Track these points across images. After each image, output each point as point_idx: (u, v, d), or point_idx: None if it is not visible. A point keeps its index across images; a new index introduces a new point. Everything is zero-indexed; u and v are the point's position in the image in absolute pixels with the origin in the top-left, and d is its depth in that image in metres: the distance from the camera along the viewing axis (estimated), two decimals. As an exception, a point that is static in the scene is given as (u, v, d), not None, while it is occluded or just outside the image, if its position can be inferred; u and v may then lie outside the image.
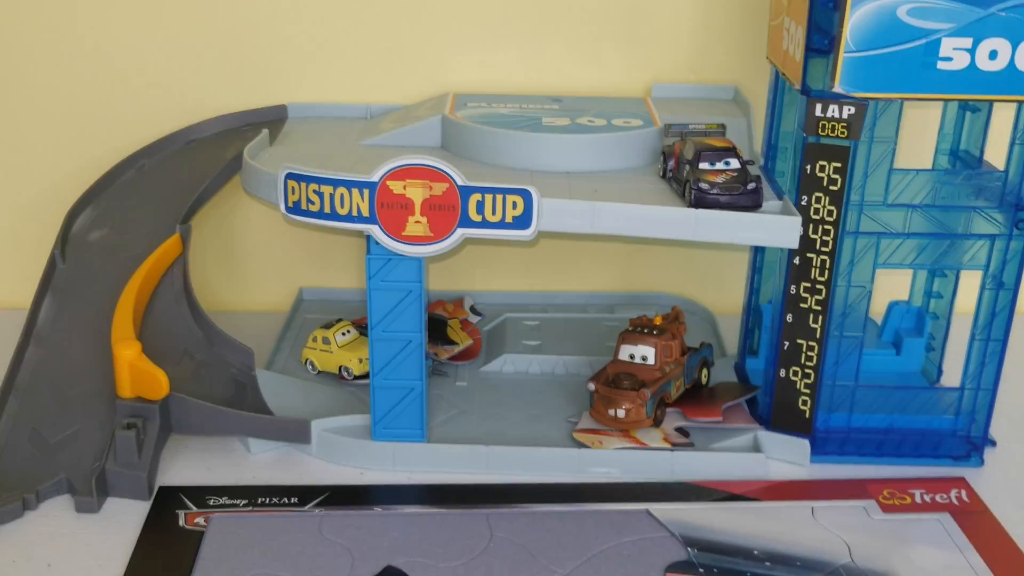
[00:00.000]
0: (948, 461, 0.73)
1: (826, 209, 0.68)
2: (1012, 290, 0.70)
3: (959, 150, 0.77)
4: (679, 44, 0.92)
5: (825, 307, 0.70)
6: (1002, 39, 0.63)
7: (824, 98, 0.66)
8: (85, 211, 0.85)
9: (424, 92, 0.92)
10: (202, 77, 0.92)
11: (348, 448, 0.73)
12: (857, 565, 0.62)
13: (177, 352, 0.75)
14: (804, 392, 0.73)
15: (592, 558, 0.63)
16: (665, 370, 0.75)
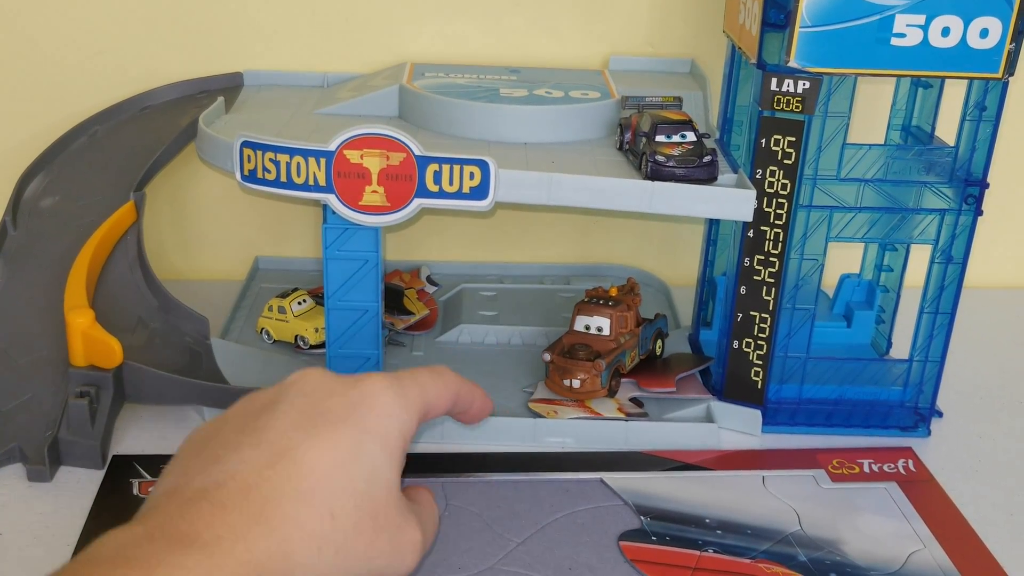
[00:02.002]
0: (896, 432, 0.75)
1: (780, 183, 0.69)
2: (960, 264, 0.71)
3: (911, 126, 0.78)
4: (637, 17, 0.92)
5: (778, 280, 0.71)
6: (954, 16, 0.64)
7: (779, 72, 0.66)
8: (36, 177, 0.84)
9: (382, 61, 0.91)
10: (157, 44, 0.91)
11: (304, 417, 0.72)
12: (806, 533, 0.64)
13: (131, 320, 0.75)
14: (756, 363, 0.74)
15: (546, 527, 0.64)
16: (620, 341, 0.76)
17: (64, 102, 0.91)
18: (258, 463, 0.42)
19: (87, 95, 0.90)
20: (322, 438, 0.44)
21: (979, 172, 0.69)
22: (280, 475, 0.42)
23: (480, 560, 0.61)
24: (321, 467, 0.43)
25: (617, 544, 0.62)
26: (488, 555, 0.61)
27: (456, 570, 0.60)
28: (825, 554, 0.62)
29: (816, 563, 0.61)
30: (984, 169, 0.69)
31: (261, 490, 0.41)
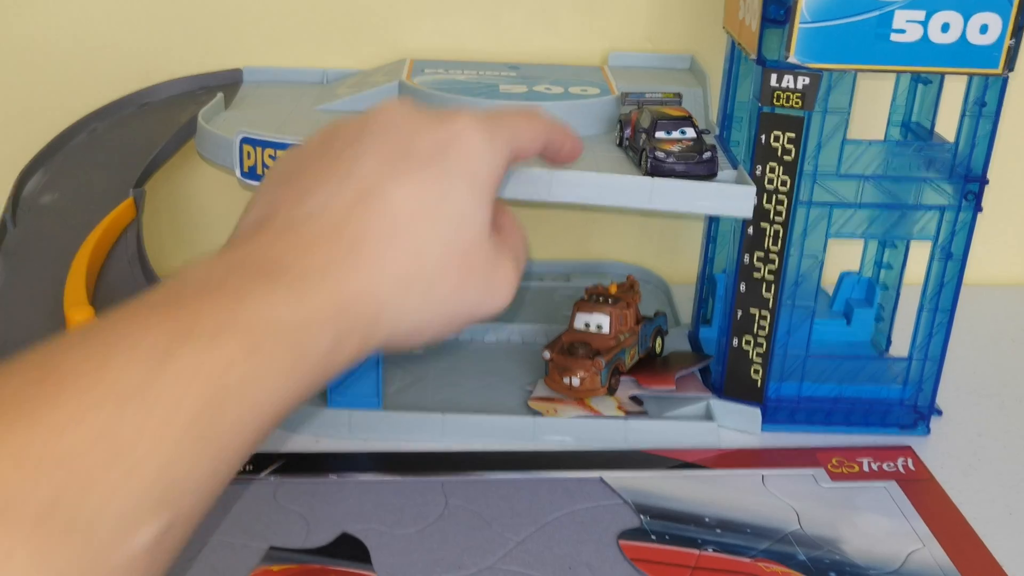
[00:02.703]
0: (896, 430, 0.75)
1: (780, 179, 0.69)
2: (960, 261, 0.71)
3: (911, 122, 0.78)
4: (637, 13, 0.92)
5: (778, 277, 0.71)
6: (954, 12, 0.63)
7: (779, 68, 0.66)
8: (36, 174, 0.84)
9: (381, 58, 0.91)
10: (156, 40, 0.90)
11: (303, 415, 0.73)
12: (805, 532, 0.64)
13: (130, 318, 0.75)
14: (756, 361, 0.74)
15: (546, 525, 0.64)
16: (620, 339, 0.76)
17: (63, 98, 0.91)
18: (346, 199, 0.42)
19: (86, 92, 0.90)
20: (410, 179, 0.43)
21: (979, 168, 0.69)
22: (368, 213, 0.41)
23: (479, 559, 0.61)
24: (409, 208, 0.42)
25: (616, 543, 0.62)
26: (487, 553, 0.61)
27: (455, 568, 0.60)
28: (824, 553, 0.62)
29: (815, 562, 0.61)
30: (984, 165, 0.69)
31: (349, 227, 0.41)
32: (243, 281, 0.36)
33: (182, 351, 0.31)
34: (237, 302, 0.34)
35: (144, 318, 0.32)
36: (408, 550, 0.61)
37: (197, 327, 0.32)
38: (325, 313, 0.37)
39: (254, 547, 0.61)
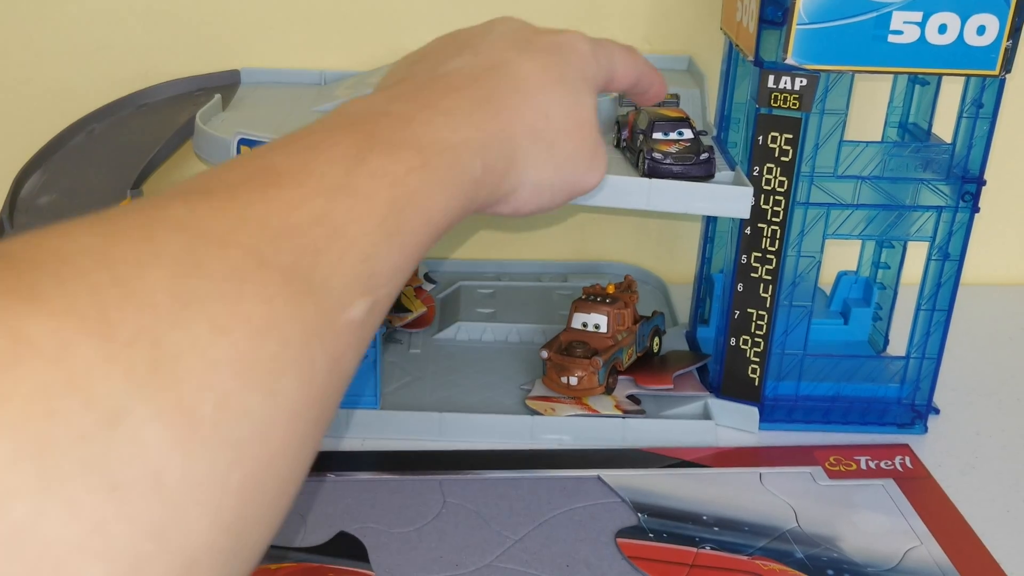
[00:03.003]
0: (893, 428, 0.75)
1: (777, 180, 0.69)
2: (957, 261, 0.71)
3: (908, 123, 0.78)
4: (635, 14, 0.92)
5: (775, 277, 0.71)
6: (951, 13, 0.64)
7: (776, 70, 0.66)
8: (34, 175, 0.84)
9: (379, 59, 0.91)
10: (154, 41, 0.91)
11: (301, 415, 0.72)
12: (803, 530, 0.64)
13: (128, 318, 0.75)
14: (754, 360, 0.74)
15: (544, 523, 0.64)
16: (617, 338, 0.76)
17: (61, 99, 0.91)
18: (481, 64, 0.46)
19: (84, 92, 0.90)
20: (535, 58, 0.48)
21: (976, 169, 0.69)
22: (501, 75, 0.46)
23: (478, 557, 0.61)
24: (536, 78, 0.47)
25: (614, 541, 0.62)
26: (486, 552, 0.61)
27: (453, 567, 0.60)
28: (822, 551, 0.62)
29: (813, 560, 0.61)
30: (981, 166, 0.69)
31: (487, 82, 0.45)
32: (406, 109, 0.40)
33: (370, 156, 0.35)
34: (405, 123, 0.39)
35: (329, 134, 0.36)
36: (406, 548, 0.61)
37: (377, 141, 0.36)
38: (475, 143, 0.41)
39: (253, 546, 0.61)
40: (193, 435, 0.25)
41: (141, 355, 0.24)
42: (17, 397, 0.22)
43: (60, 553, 0.22)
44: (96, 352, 0.23)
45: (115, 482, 0.23)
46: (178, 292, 0.26)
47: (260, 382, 0.27)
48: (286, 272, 0.29)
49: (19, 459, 0.21)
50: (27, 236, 0.26)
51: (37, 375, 0.22)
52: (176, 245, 0.27)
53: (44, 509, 0.22)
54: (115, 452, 0.23)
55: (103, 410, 0.23)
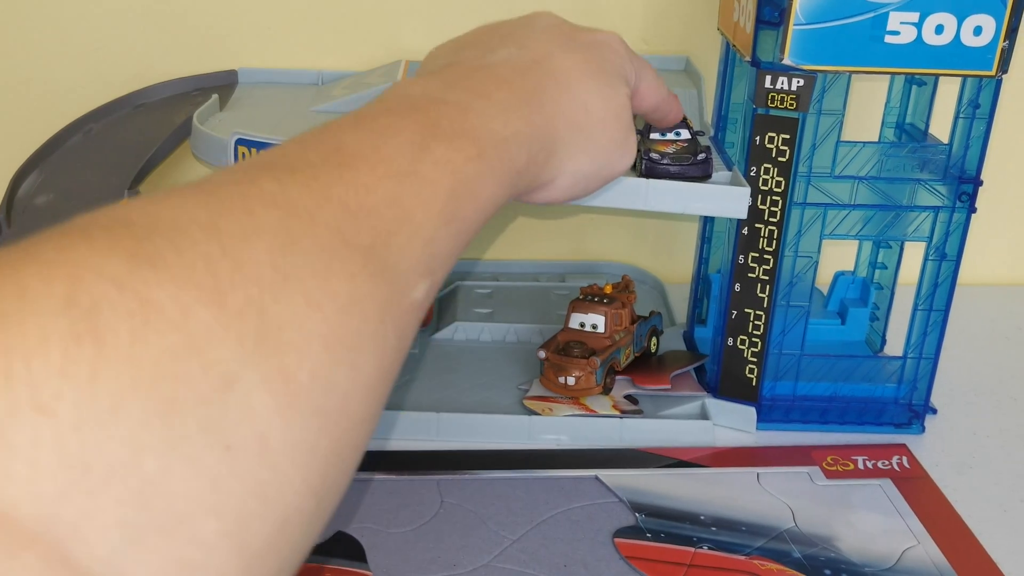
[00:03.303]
0: (890, 428, 0.75)
1: (775, 180, 0.69)
2: (954, 261, 0.72)
3: (905, 123, 0.78)
4: (632, 14, 0.92)
5: (772, 277, 0.71)
6: (948, 14, 0.64)
7: (774, 70, 0.66)
8: (31, 175, 0.84)
9: (376, 59, 0.91)
10: (151, 41, 0.91)
11: (299, 415, 0.72)
12: (800, 529, 0.64)
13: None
14: (751, 360, 0.74)
15: (541, 524, 0.64)
16: (615, 338, 0.76)
17: (58, 99, 0.91)
18: (525, 58, 0.49)
19: (81, 92, 0.90)
20: (575, 54, 0.51)
21: (973, 170, 0.69)
22: (544, 69, 0.49)
23: (475, 557, 0.61)
24: (576, 72, 0.50)
25: (612, 541, 0.62)
26: (483, 552, 0.61)
27: (451, 567, 0.60)
28: (819, 550, 0.62)
29: (810, 559, 0.61)
30: (978, 167, 0.69)
31: (531, 76, 0.47)
32: (462, 98, 0.42)
33: (434, 145, 0.37)
34: (463, 114, 0.41)
35: (397, 117, 0.38)
36: (403, 549, 0.61)
37: (439, 129, 0.38)
38: (523, 135, 0.44)
39: (251, 546, 0.61)
40: (292, 402, 0.26)
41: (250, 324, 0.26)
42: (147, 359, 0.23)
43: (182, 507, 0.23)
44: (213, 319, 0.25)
45: (228, 442, 0.25)
46: (278, 265, 0.28)
47: (344, 355, 0.29)
48: (365, 252, 0.31)
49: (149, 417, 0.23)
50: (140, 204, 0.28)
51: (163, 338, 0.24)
52: (273, 220, 0.29)
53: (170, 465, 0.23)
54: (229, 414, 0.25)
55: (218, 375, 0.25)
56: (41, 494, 0.21)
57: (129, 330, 0.23)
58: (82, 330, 0.23)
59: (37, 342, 0.22)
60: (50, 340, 0.22)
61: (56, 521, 0.21)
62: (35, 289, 0.23)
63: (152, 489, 0.23)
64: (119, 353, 0.23)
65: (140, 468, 0.23)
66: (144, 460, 0.23)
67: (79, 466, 0.22)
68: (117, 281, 0.24)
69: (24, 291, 0.23)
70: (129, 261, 0.25)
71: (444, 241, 0.36)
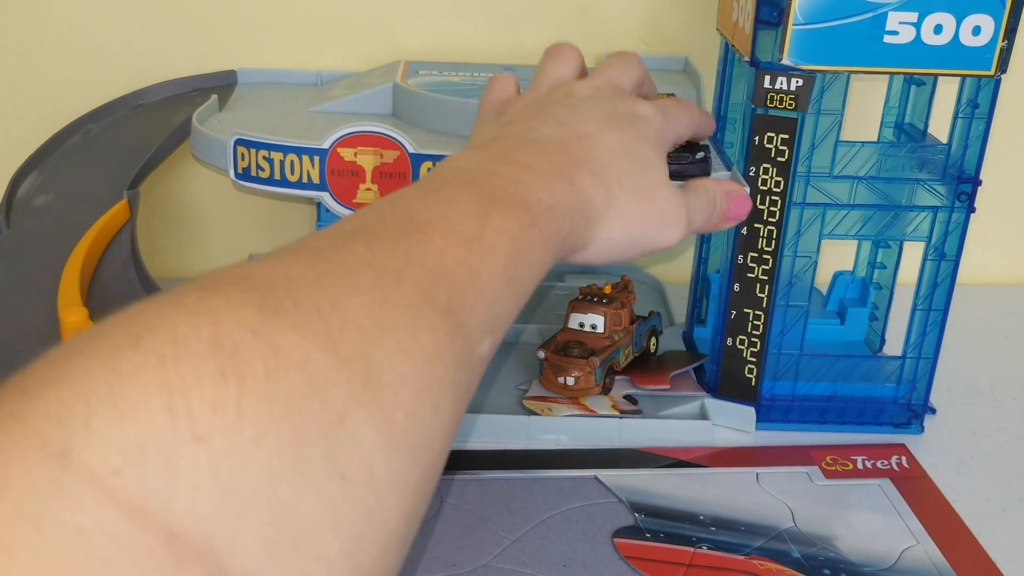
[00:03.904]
0: (889, 428, 0.75)
1: (774, 180, 0.69)
2: (953, 261, 0.72)
3: (904, 123, 0.78)
4: (631, 14, 0.92)
5: (772, 277, 0.71)
6: (947, 14, 0.64)
7: (772, 70, 0.67)
8: (30, 176, 0.84)
9: (375, 59, 0.91)
10: (150, 41, 0.91)
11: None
12: (800, 529, 0.64)
13: (125, 319, 0.74)
14: (750, 360, 0.74)
15: (541, 524, 0.64)
16: (614, 338, 0.76)
17: (57, 100, 0.91)
18: (568, 134, 0.52)
19: (80, 93, 0.90)
20: (614, 131, 0.54)
21: (972, 169, 0.69)
22: (585, 145, 0.52)
23: (475, 557, 0.61)
24: (612, 150, 0.53)
25: (611, 541, 0.62)
26: (483, 552, 0.61)
27: (450, 567, 0.60)
28: (819, 550, 0.62)
29: (810, 559, 0.61)
30: (977, 166, 0.69)
31: (574, 151, 0.51)
32: (510, 171, 0.46)
33: (494, 213, 0.41)
34: (514, 185, 0.44)
35: (457, 189, 0.42)
36: (404, 549, 0.61)
37: (497, 200, 0.42)
38: (567, 205, 0.47)
39: (250, 547, 0.61)
40: (391, 438, 0.30)
41: (357, 369, 0.29)
42: (279, 396, 0.26)
43: (310, 528, 0.27)
44: (328, 364, 0.28)
45: (343, 472, 0.28)
46: (376, 318, 0.31)
47: (430, 399, 0.32)
48: (444, 309, 0.35)
49: (282, 448, 0.26)
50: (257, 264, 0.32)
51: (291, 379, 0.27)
52: (368, 279, 0.33)
53: (300, 490, 0.26)
54: (343, 447, 0.28)
55: (335, 412, 0.28)
56: (202, 513, 0.24)
57: (264, 371, 0.27)
58: (228, 370, 0.26)
59: (193, 380, 0.25)
60: (203, 378, 0.25)
61: (214, 538, 0.24)
62: (185, 333, 0.26)
63: (286, 511, 0.26)
64: (258, 390, 0.26)
65: (277, 492, 0.26)
66: (279, 485, 0.26)
67: (230, 489, 0.25)
68: (251, 328, 0.27)
69: (176, 335, 0.26)
70: (259, 311, 0.28)
71: (505, 302, 0.40)
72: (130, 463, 0.24)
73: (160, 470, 0.24)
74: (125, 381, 0.25)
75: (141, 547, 0.23)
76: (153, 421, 0.24)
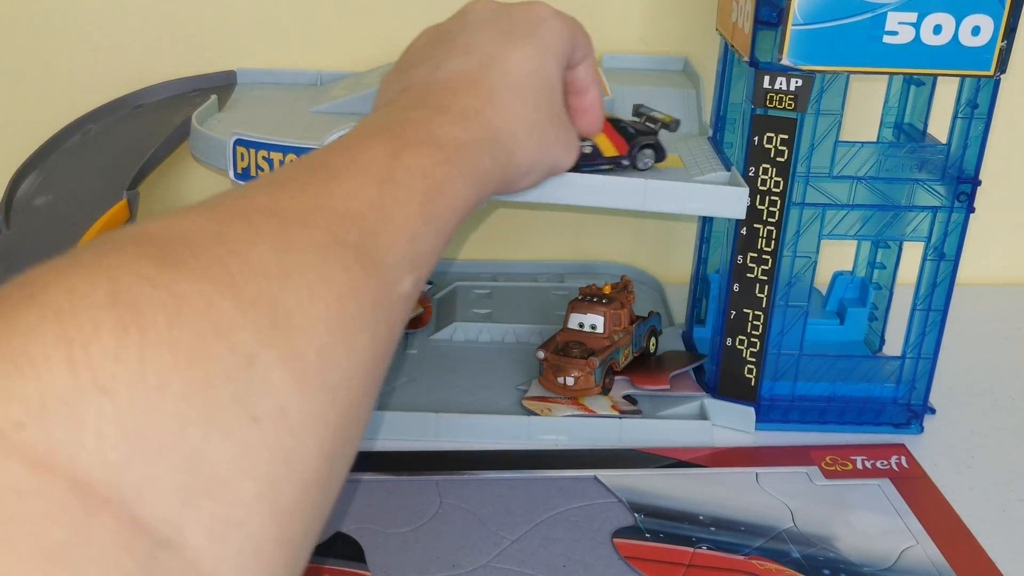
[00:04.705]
0: (889, 428, 0.75)
1: (773, 180, 0.69)
2: (953, 261, 0.72)
3: (903, 123, 0.78)
4: (630, 15, 0.92)
5: (771, 277, 0.71)
6: (946, 14, 0.64)
7: (772, 70, 0.67)
8: (29, 176, 0.84)
9: (375, 60, 0.91)
10: (150, 42, 0.91)
11: (298, 415, 0.72)
12: (799, 529, 0.64)
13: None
14: (750, 360, 0.74)
15: (540, 524, 0.64)
16: (614, 338, 0.76)
17: (57, 100, 0.91)
18: (475, 64, 0.52)
19: (80, 93, 0.90)
20: (518, 49, 0.53)
21: (971, 169, 0.69)
22: (494, 74, 0.51)
23: (474, 557, 0.61)
24: (523, 71, 0.52)
25: (611, 541, 0.62)
26: (482, 552, 0.61)
27: (450, 567, 0.60)
28: (818, 550, 0.62)
29: (809, 559, 0.61)
30: (976, 166, 0.69)
31: (484, 83, 0.51)
32: (422, 114, 0.46)
33: (404, 154, 0.41)
34: (425, 126, 0.45)
35: (365, 137, 0.42)
36: (403, 549, 0.61)
37: (407, 142, 0.42)
38: (483, 139, 0.47)
39: (250, 547, 0.61)
40: (305, 378, 0.30)
41: (264, 311, 0.29)
42: (182, 343, 0.27)
43: (223, 471, 0.27)
44: (232, 307, 0.29)
45: (255, 414, 0.28)
46: (281, 262, 0.31)
47: (344, 338, 0.32)
48: (355, 248, 0.35)
49: (189, 393, 0.26)
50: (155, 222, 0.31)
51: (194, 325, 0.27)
52: (271, 226, 0.33)
53: (209, 434, 0.26)
54: (253, 389, 0.28)
55: (242, 355, 0.28)
56: (109, 462, 0.24)
57: (166, 319, 0.27)
58: (128, 320, 0.26)
59: (93, 332, 0.25)
60: (102, 330, 0.25)
61: (123, 485, 0.25)
62: (82, 289, 0.26)
63: (197, 456, 0.26)
64: (160, 339, 0.26)
65: (186, 437, 0.26)
66: (189, 430, 0.26)
67: (137, 437, 0.25)
68: (150, 279, 0.27)
69: (73, 290, 0.26)
70: (157, 264, 0.28)
71: (425, 239, 0.40)
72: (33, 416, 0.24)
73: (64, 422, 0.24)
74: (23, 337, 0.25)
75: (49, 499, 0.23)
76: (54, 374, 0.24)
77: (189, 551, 0.26)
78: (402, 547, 0.61)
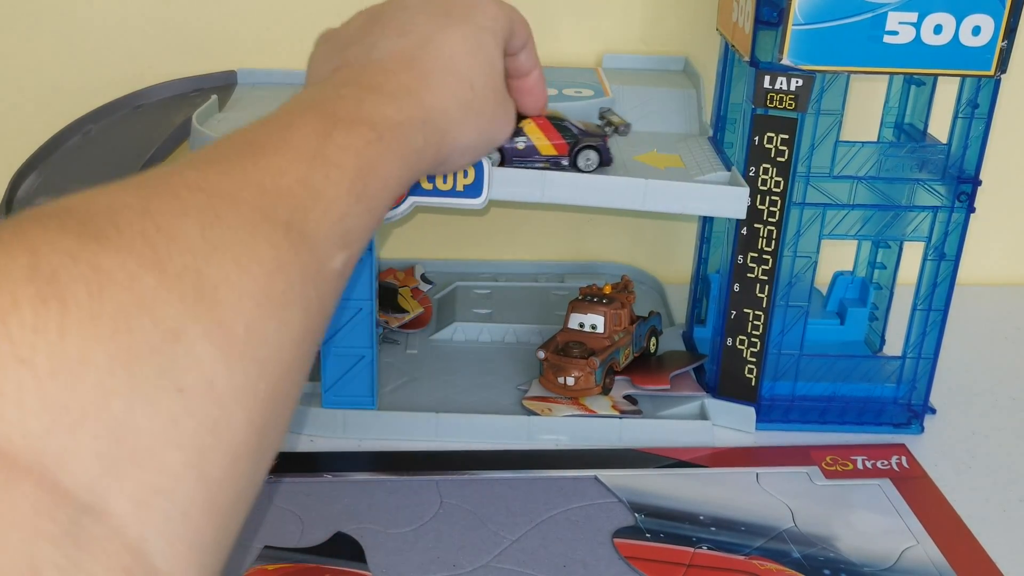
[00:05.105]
0: (889, 428, 0.75)
1: (773, 180, 0.69)
2: (953, 261, 0.72)
3: (904, 123, 0.78)
4: (631, 15, 0.92)
5: (771, 277, 0.71)
6: (947, 14, 0.64)
7: (772, 70, 0.67)
8: (30, 176, 0.84)
9: (375, 59, 0.91)
10: (150, 42, 0.91)
11: (298, 415, 0.73)
12: (800, 529, 0.64)
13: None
14: (750, 360, 0.74)
15: (541, 524, 0.64)
16: (614, 338, 0.76)
17: (57, 100, 0.91)
18: (410, 44, 0.52)
19: (80, 93, 0.90)
20: (455, 30, 0.53)
21: (972, 169, 0.69)
22: (430, 54, 0.51)
23: (475, 557, 0.61)
24: (458, 51, 0.53)
25: (611, 541, 0.62)
26: (483, 552, 0.61)
27: (451, 567, 0.60)
28: (819, 550, 0.62)
29: (810, 559, 0.61)
30: (977, 166, 0.69)
31: (418, 63, 0.51)
32: (354, 93, 0.46)
33: (335, 132, 0.41)
34: (358, 105, 0.44)
35: (297, 115, 0.42)
36: (403, 549, 0.61)
37: (338, 120, 0.42)
38: (417, 118, 0.47)
39: (249, 546, 0.61)
40: (232, 351, 0.30)
41: (189, 285, 0.30)
42: (104, 316, 0.27)
43: (148, 441, 0.27)
44: (156, 282, 0.29)
45: (181, 386, 0.28)
46: (208, 237, 0.31)
47: (274, 312, 0.33)
48: (285, 225, 0.35)
49: (112, 365, 0.26)
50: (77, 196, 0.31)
51: (116, 298, 0.27)
52: (198, 201, 0.33)
53: (134, 405, 0.27)
54: (179, 362, 0.28)
55: (166, 328, 0.28)
56: (30, 431, 0.25)
57: (87, 292, 0.27)
58: (47, 293, 0.26)
59: (10, 305, 0.25)
60: (21, 303, 0.25)
61: (44, 454, 0.25)
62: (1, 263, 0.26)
63: (121, 426, 0.26)
64: (81, 312, 0.26)
65: (109, 408, 0.26)
66: (111, 401, 0.26)
67: (58, 407, 0.25)
68: (70, 253, 0.27)
69: None
70: (78, 238, 0.28)
71: (356, 217, 0.40)
72: None
73: None
74: None
75: None
76: None
77: (114, 518, 0.26)
78: (402, 547, 0.61)
